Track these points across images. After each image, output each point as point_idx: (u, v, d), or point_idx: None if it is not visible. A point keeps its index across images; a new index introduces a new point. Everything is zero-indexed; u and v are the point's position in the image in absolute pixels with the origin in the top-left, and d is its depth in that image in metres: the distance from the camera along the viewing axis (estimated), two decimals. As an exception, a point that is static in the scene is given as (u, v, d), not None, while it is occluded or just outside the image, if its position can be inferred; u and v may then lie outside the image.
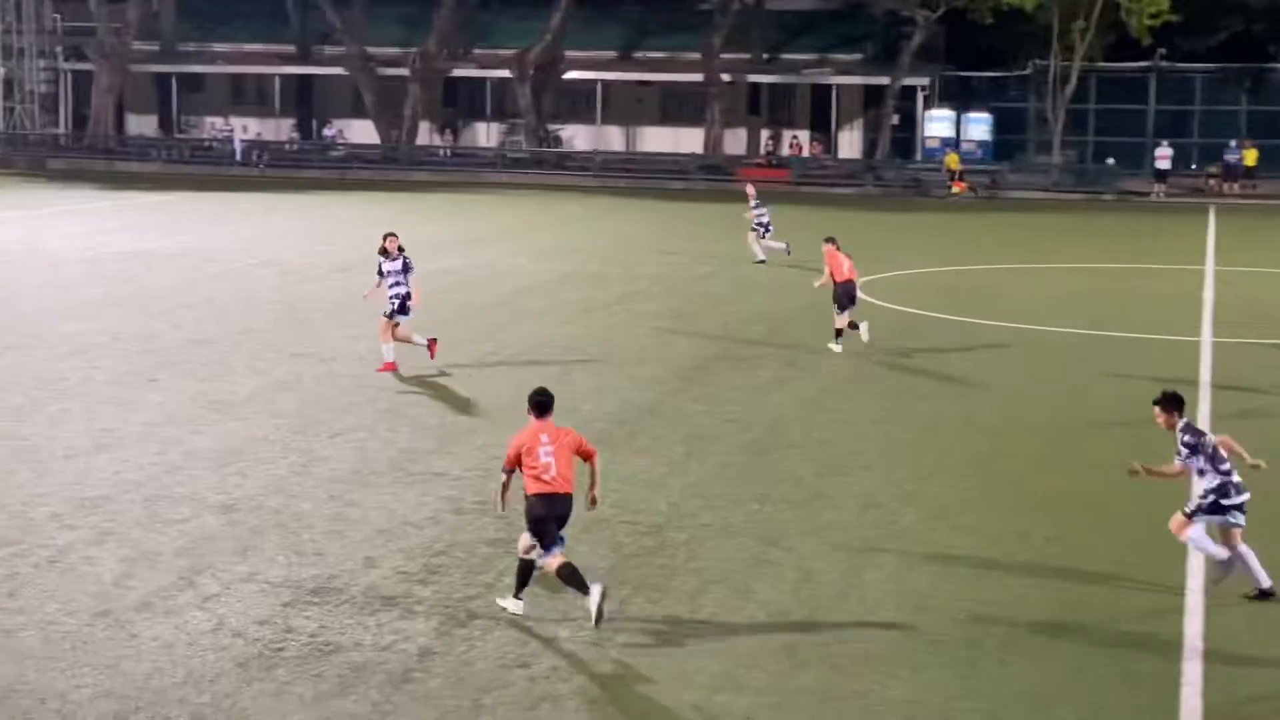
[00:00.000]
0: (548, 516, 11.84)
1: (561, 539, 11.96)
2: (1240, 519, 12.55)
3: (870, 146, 63.00)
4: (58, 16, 67.64)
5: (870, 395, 20.85)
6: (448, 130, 65.34)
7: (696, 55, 61.36)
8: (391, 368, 21.32)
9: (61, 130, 67.51)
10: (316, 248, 27.52)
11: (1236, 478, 12.57)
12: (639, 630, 11.84)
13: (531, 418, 12.16)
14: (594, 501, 12.35)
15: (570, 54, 63.03)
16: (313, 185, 54.68)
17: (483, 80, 65.17)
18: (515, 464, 11.99)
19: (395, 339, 21.44)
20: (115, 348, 23.02)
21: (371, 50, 62.85)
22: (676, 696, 10.64)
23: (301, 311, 26.72)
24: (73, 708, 10.30)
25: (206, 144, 65.63)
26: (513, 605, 12.04)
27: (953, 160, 56.13)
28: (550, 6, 61.76)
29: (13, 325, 24.73)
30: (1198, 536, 12.61)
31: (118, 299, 27.70)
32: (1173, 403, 12.81)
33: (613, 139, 65.24)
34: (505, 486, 12.23)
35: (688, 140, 62.36)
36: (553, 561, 11.85)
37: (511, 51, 62.46)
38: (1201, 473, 12.61)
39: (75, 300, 27.56)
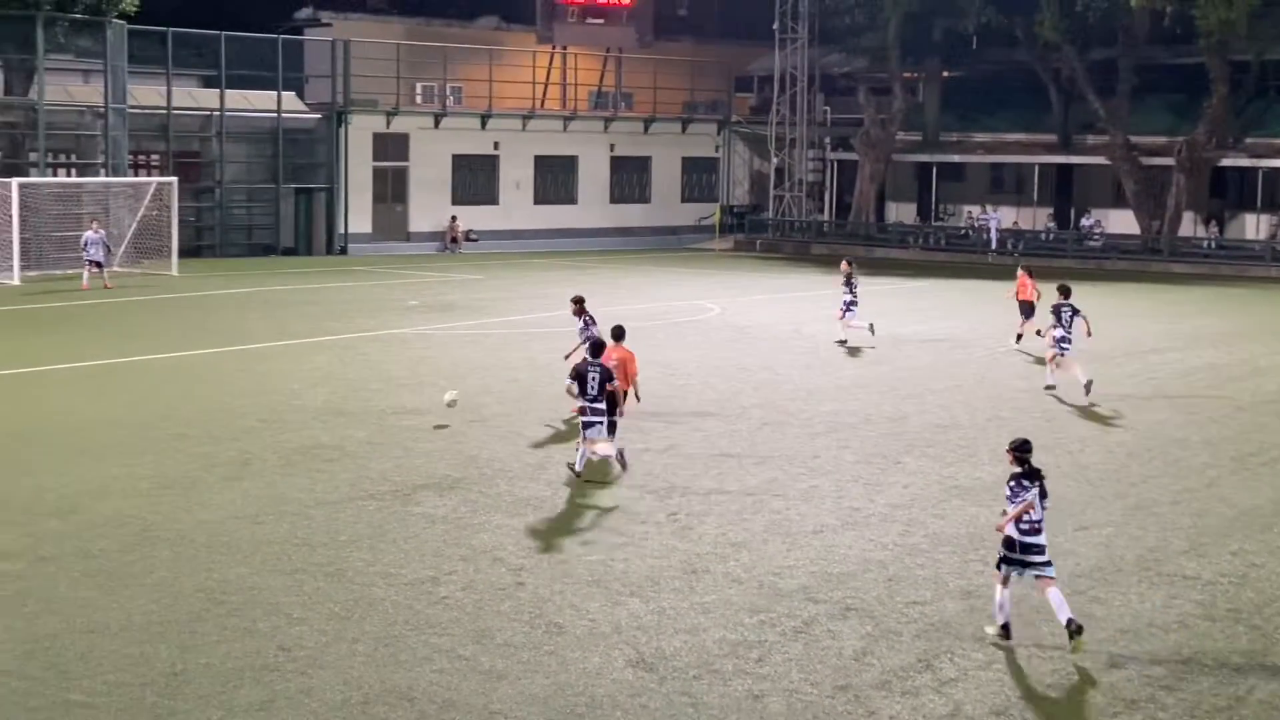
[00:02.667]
0: None
1: None
2: None
3: None
4: (827, 109, 71.01)
5: None
6: (1213, 221, 62.92)
7: None
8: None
9: (825, 217, 70.58)
10: (1079, 344, 27.13)
11: None
12: None
13: None
14: None
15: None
16: (1068, 275, 54.10)
17: (1254, 170, 62.36)
18: None
19: None
20: (865, 429, 23.60)
21: (1135, 139, 61.64)
22: None
23: (1048, 403, 26.36)
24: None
25: (963, 231, 66.57)
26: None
27: None
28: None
29: (774, 403, 25.91)
30: None
31: (870, 381, 28.44)
32: None
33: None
34: None
35: None
36: None
37: (1287, 139, 59.35)
38: None
39: (831, 380, 28.54)
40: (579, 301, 24.53)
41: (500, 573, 15.41)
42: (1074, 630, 12.99)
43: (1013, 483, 13.56)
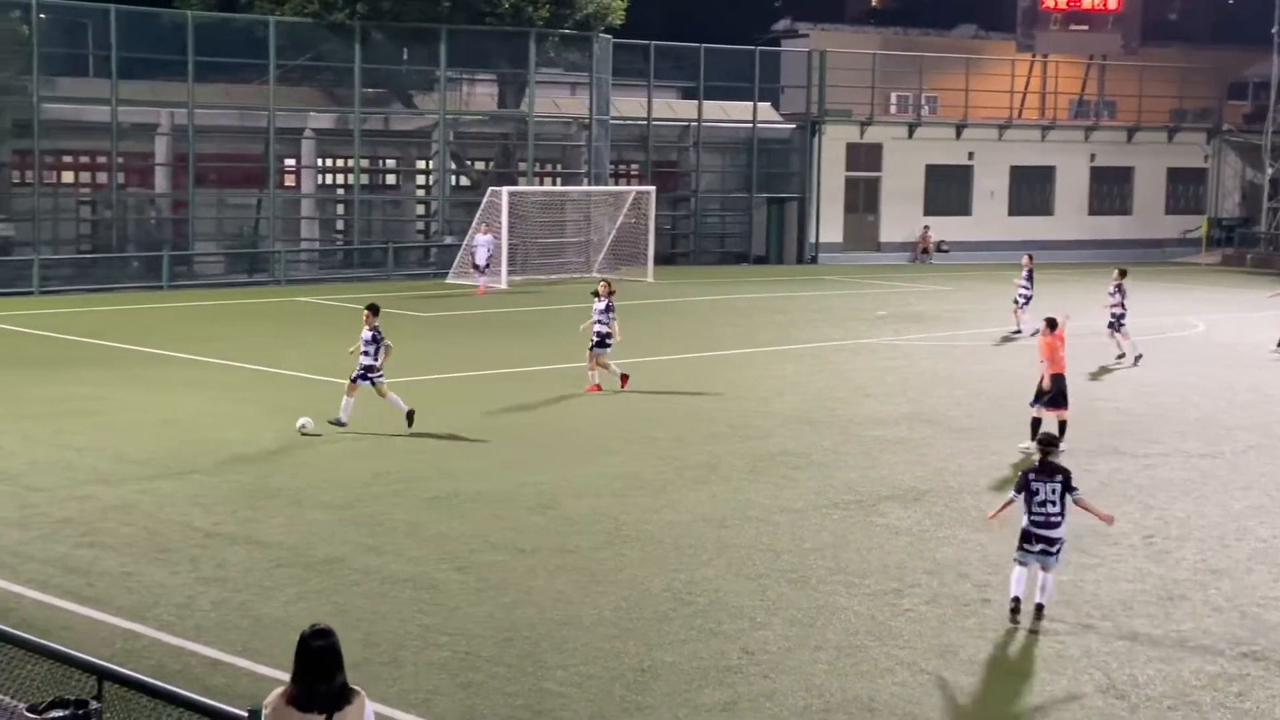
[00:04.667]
0: None
1: None
2: None
3: None
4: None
5: None
6: None
7: None
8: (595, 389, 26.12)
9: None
10: None
11: None
12: None
13: None
14: None
15: None
16: None
17: None
18: None
19: (598, 366, 26.74)
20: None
21: None
22: None
23: None
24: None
25: None
26: None
27: None
28: None
29: (1262, 425, 24.60)
30: None
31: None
32: None
33: None
34: None
35: None
36: None
37: None
38: None
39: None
40: (373, 310, 22.97)
41: (965, 588, 15.15)
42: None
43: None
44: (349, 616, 13.82)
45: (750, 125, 57.91)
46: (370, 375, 22.62)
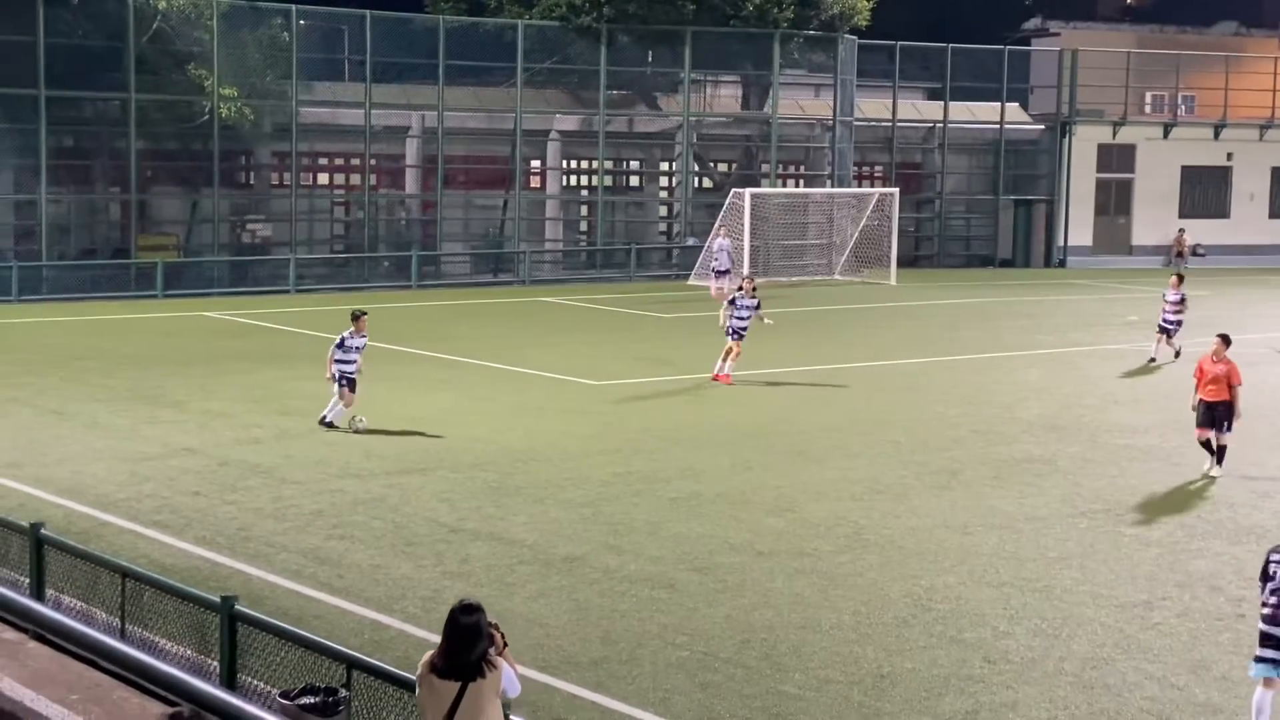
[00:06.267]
0: None
1: None
2: None
3: None
4: None
5: None
6: None
7: None
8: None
9: None
10: None
11: None
12: None
13: None
14: None
15: None
16: None
17: None
18: None
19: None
20: None
21: None
22: None
23: None
24: None
25: None
26: None
27: None
28: None
29: None
30: None
31: None
32: None
33: None
34: None
35: None
36: None
37: None
38: None
39: None
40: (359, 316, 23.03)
41: (1219, 602, 14.66)
42: None
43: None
44: (588, 614, 13.97)
45: (998, 126, 56.93)
46: (353, 377, 22.78)
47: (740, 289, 28.20)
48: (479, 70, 49.52)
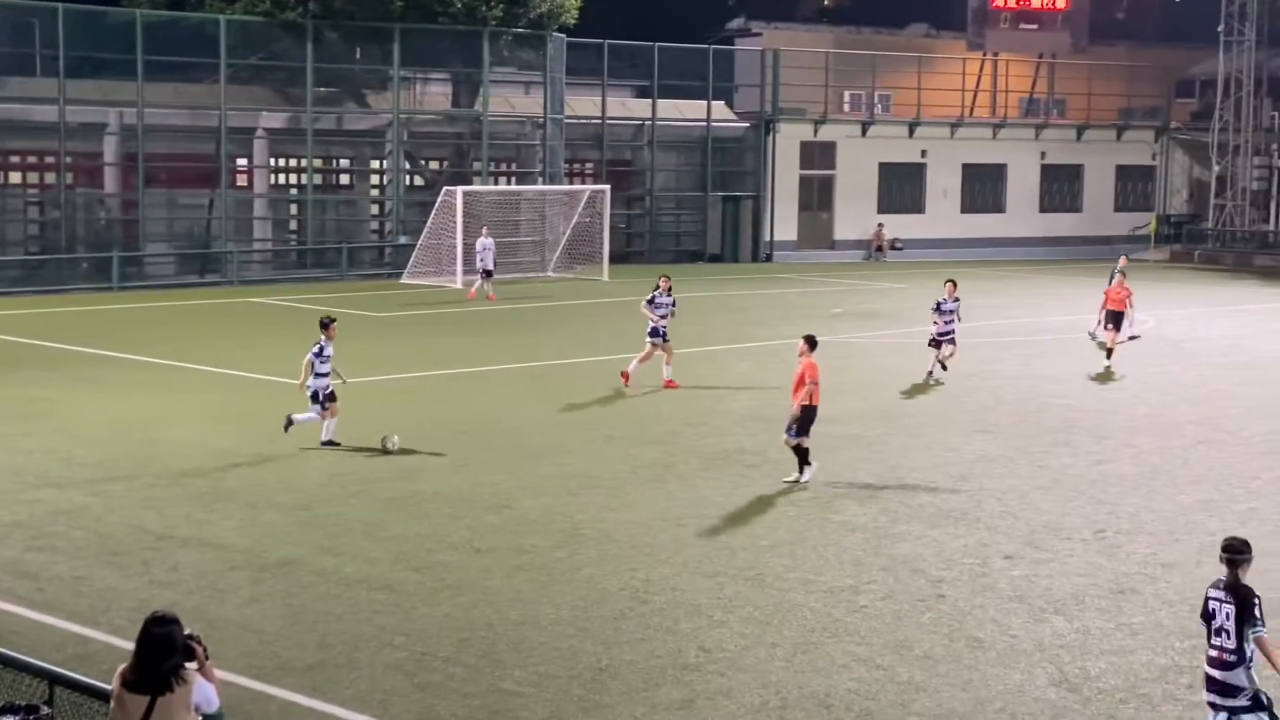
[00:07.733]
0: None
1: None
2: None
3: None
4: (1275, 114, 67.53)
5: None
6: None
7: None
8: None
9: (1271, 227, 67.11)
10: None
11: None
12: None
13: None
14: None
15: None
16: None
17: None
18: None
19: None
20: (1312, 449, 22.32)
21: None
22: None
23: None
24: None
25: None
26: None
27: None
28: None
29: (1210, 420, 24.79)
30: None
31: (1318, 400, 26.89)
32: None
33: None
34: None
35: None
36: None
37: None
38: None
39: (1275, 398, 27.13)
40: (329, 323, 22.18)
41: (920, 584, 15.22)
42: None
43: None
44: (304, 618, 13.78)
45: (704, 124, 57.97)
46: (330, 389, 22.00)
47: (658, 288, 27.66)
48: (181, 66, 48.18)
